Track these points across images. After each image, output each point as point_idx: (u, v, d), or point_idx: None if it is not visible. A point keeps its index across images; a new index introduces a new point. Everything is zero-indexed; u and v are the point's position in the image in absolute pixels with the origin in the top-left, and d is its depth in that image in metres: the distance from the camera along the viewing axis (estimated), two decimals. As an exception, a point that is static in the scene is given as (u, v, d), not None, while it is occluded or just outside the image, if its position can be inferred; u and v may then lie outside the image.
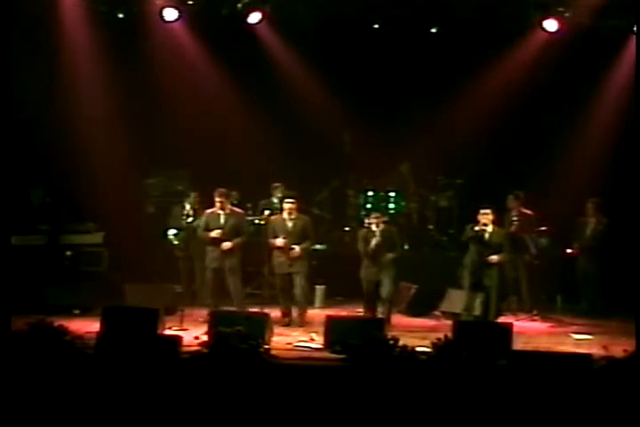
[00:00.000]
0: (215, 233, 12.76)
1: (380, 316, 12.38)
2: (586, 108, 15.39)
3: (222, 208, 12.86)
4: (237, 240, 12.84)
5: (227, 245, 12.75)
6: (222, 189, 12.96)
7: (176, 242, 13.93)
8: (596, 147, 15.06)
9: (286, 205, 12.90)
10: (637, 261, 13.16)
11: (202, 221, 12.95)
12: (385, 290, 12.70)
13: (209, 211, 12.96)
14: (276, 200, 14.41)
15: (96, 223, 14.26)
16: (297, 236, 12.84)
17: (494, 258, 12.53)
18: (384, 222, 12.90)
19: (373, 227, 12.81)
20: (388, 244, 12.74)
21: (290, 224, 12.87)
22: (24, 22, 14.01)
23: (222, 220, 12.87)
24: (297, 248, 12.76)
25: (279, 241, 12.79)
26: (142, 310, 11.58)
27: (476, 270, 12.65)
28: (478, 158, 15.46)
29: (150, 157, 15.50)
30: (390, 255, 12.71)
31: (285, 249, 12.76)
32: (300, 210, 13.04)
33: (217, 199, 12.84)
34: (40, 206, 14.13)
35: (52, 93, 14.86)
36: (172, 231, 13.99)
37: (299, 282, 12.85)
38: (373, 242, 12.67)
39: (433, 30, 15.39)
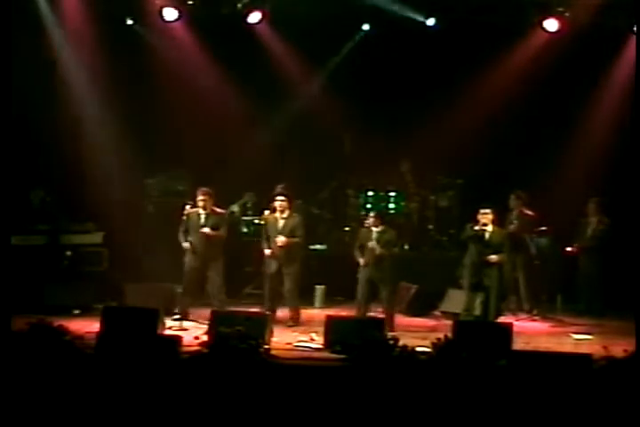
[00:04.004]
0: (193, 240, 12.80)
1: (378, 317, 12.39)
2: (586, 108, 15.39)
3: (204, 207, 12.86)
4: (217, 233, 12.83)
5: (205, 230, 12.75)
6: (205, 189, 12.96)
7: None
8: (597, 147, 15.07)
9: (277, 203, 12.91)
10: (638, 260, 13.16)
11: (182, 222, 12.95)
12: (385, 293, 12.73)
13: (191, 210, 12.96)
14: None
15: (96, 223, 14.26)
16: (287, 234, 12.85)
17: (494, 257, 12.52)
18: (382, 224, 12.89)
19: (372, 228, 12.83)
20: (385, 245, 12.75)
21: (281, 223, 12.89)
22: (25, 23, 14.04)
23: (202, 219, 12.88)
24: (283, 238, 12.74)
25: (267, 252, 12.84)
26: (142, 310, 11.58)
27: (476, 270, 12.64)
28: (478, 158, 15.44)
29: (150, 157, 15.49)
30: (388, 261, 12.71)
31: (273, 253, 12.80)
32: (294, 209, 13.09)
33: (199, 197, 12.86)
34: (40, 206, 14.13)
35: (53, 93, 14.85)
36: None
37: (288, 283, 12.86)
38: (370, 243, 12.69)
39: (430, 23, 15.28)
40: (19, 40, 13.05)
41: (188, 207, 13.22)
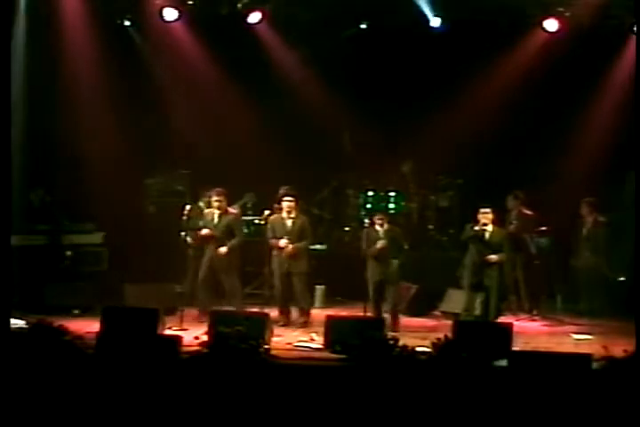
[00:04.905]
0: (205, 231, 12.79)
1: (385, 317, 12.39)
2: (586, 108, 15.39)
3: (219, 208, 12.90)
4: (232, 243, 12.87)
5: (222, 250, 12.80)
6: (220, 189, 13.00)
7: (190, 240, 13.68)
8: (596, 147, 15.06)
9: (285, 204, 12.91)
10: (637, 260, 13.17)
11: (198, 221, 12.97)
12: (390, 295, 12.73)
13: (206, 211, 12.98)
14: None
15: (96, 223, 14.26)
16: (296, 235, 12.87)
17: (493, 257, 12.52)
18: (388, 223, 12.90)
19: (377, 227, 12.83)
20: (392, 245, 12.76)
21: (289, 223, 12.90)
22: (26, 23, 14.04)
23: (215, 219, 12.90)
24: (290, 246, 12.76)
25: (282, 242, 12.80)
26: (142, 310, 11.59)
27: (476, 270, 12.64)
28: (478, 158, 15.45)
29: (150, 157, 15.50)
30: (396, 262, 12.72)
31: (285, 249, 12.80)
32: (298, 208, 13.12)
33: (215, 198, 12.88)
34: (40, 206, 14.14)
35: (53, 93, 14.85)
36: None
37: (297, 283, 12.87)
38: (379, 243, 12.68)
39: (435, 24, 15.21)
40: (20, 40, 13.08)
41: (188, 207, 13.23)
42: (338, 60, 15.84)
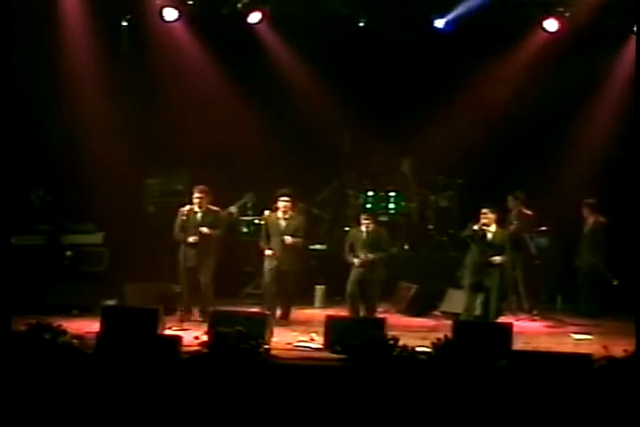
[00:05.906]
0: (192, 239, 12.77)
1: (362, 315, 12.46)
2: (586, 108, 15.39)
3: (200, 205, 12.87)
4: (216, 233, 12.87)
5: (205, 230, 12.77)
6: (202, 186, 12.97)
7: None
8: (596, 147, 15.07)
9: (281, 204, 12.92)
10: (637, 261, 13.17)
11: (177, 220, 12.95)
12: (372, 291, 12.80)
13: (185, 209, 12.93)
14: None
15: (96, 223, 14.27)
16: (289, 235, 12.88)
17: (497, 259, 12.52)
18: (374, 223, 12.97)
19: (363, 228, 12.90)
20: (375, 245, 12.82)
21: (283, 223, 12.90)
22: (26, 23, 14.04)
23: (199, 218, 12.88)
24: (289, 238, 12.79)
25: (267, 253, 12.85)
26: (142, 310, 11.59)
27: (477, 270, 12.64)
28: (478, 158, 15.45)
29: (150, 157, 15.50)
30: (377, 255, 12.77)
31: (274, 254, 12.83)
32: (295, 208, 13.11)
33: (196, 195, 12.85)
34: (40, 206, 14.14)
35: (53, 93, 14.85)
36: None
37: (288, 280, 12.90)
38: (360, 244, 12.73)
39: (438, 25, 15.21)
40: (20, 40, 13.07)
41: (187, 207, 13.21)
42: (338, 59, 15.85)
